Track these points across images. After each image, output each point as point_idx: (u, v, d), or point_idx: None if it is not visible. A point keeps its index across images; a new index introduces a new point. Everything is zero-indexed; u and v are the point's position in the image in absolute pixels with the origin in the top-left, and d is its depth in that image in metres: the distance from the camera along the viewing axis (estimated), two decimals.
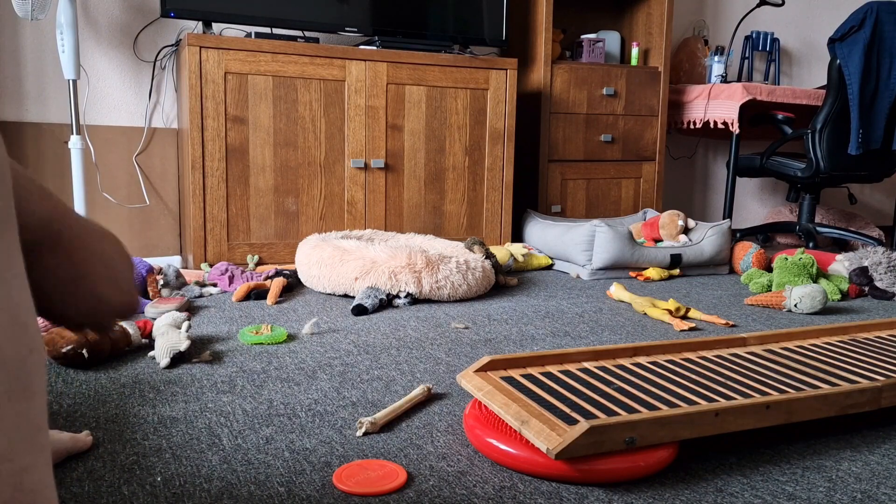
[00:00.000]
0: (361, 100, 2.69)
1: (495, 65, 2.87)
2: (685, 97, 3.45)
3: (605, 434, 1.03)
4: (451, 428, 1.21)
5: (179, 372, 1.46)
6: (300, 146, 2.63)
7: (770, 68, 3.95)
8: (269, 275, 2.31)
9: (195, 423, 1.21)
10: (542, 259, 2.82)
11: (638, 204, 3.37)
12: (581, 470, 1.02)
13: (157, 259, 2.82)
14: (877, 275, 2.49)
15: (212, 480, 1.02)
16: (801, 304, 2.16)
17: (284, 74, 2.57)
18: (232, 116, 2.52)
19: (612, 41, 3.42)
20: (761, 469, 1.09)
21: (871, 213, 4.43)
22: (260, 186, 2.59)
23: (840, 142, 3.09)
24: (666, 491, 1.01)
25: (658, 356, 1.45)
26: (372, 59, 2.68)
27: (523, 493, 1.00)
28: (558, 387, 1.24)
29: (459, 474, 1.05)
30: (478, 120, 2.88)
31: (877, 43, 2.97)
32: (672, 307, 2.07)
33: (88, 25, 2.74)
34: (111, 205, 2.82)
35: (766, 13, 3.90)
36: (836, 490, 1.02)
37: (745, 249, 2.81)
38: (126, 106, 2.83)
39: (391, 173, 2.77)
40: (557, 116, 3.15)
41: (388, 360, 1.58)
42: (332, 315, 1.98)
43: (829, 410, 1.20)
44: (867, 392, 1.22)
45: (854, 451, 1.16)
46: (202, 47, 2.46)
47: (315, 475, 1.03)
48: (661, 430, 1.07)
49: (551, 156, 3.15)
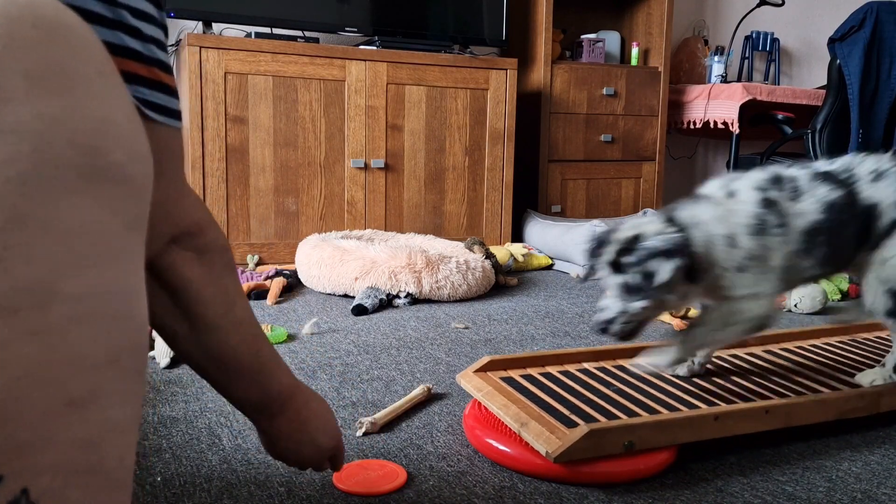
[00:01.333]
0: (361, 100, 2.69)
1: (495, 65, 2.87)
2: (685, 97, 3.45)
3: (604, 438, 1.03)
4: (451, 428, 1.21)
5: (179, 372, 1.46)
6: (300, 146, 2.63)
7: (770, 68, 3.95)
8: (269, 275, 2.31)
9: (195, 423, 1.21)
10: (542, 259, 2.82)
11: (638, 204, 3.37)
12: (580, 472, 1.02)
13: None
14: None
15: (212, 480, 1.02)
16: (801, 304, 2.16)
17: (284, 74, 2.57)
18: (232, 116, 2.52)
19: (612, 41, 3.42)
20: (761, 469, 1.09)
21: None
22: (260, 186, 2.59)
23: (840, 142, 3.08)
24: (666, 491, 1.01)
25: None
26: (372, 59, 2.68)
27: (523, 493, 1.00)
28: (558, 388, 1.24)
29: (459, 474, 1.05)
30: (478, 120, 2.88)
31: (877, 43, 2.97)
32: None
33: None
34: None
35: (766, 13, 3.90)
36: (835, 490, 1.02)
37: None
38: None
39: (391, 173, 2.77)
40: (557, 116, 3.15)
41: (388, 360, 1.58)
42: (332, 315, 1.98)
43: (828, 415, 1.20)
44: (866, 397, 1.22)
45: (854, 451, 1.16)
46: (202, 47, 2.45)
47: (315, 475, 1.03)
48: (661, 434, 1.06)
49: (551, 156, 3.15)
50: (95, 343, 0.40)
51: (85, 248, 0.39)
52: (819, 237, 1.12)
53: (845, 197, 1.13)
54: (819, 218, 1.11)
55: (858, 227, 1.15)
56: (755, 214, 1.10)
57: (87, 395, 0.39)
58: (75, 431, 0.39)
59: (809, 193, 1.12)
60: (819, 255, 1.13)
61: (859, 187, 1.15)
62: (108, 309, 0.40)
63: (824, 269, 1.17)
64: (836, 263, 1.18)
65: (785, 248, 1.11)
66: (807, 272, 1.16)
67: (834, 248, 1.14)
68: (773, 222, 1.09)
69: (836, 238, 1.13)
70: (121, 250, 0.41)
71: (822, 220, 1.11)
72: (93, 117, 0.39)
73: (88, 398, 0.39)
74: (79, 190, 0.38)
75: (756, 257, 1.10)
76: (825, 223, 1.11)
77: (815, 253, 1.13)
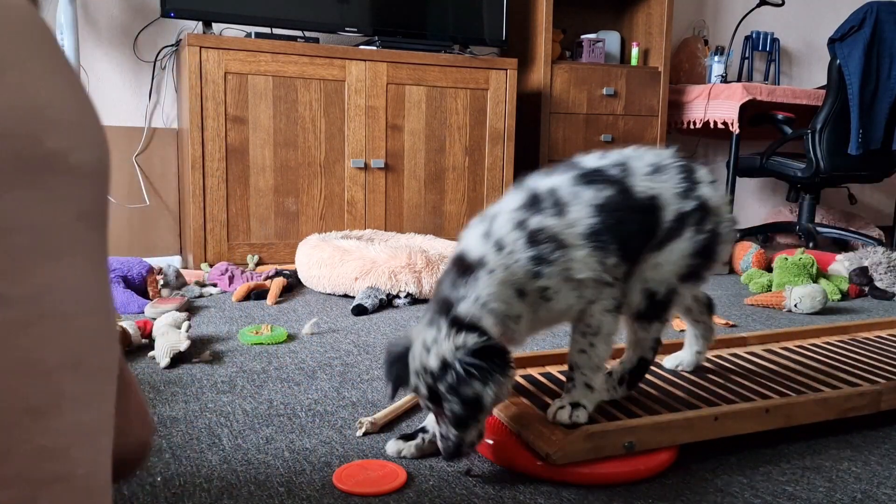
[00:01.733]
0: (361, 100, 2.69)
1: (495, 65, 2.87)
2: (685, 97, 3.45)
3: (605, 439, 1.03)
4: None
5: (179, 372, 1.46)
6: (300, 146, 2.63)
7: (770, 68, 3.95)
8: (269, 275, 2.31)
9: (195, 423, 1.21)
10: None
11: None
12: (580, 473, 1.01)
13: (157, 259, 2.82)
14: (877, 275, 2.49)
15: (212, 480, 1.01)
16: (802, 304, 2.16)
17: (284, 74, 2.57)
18: (232, 116, 2.52)
19: (612, 41, 3.42)
20: (762, 469, 1.09)
21: (871, 213, 4.43)
22: (260, 186, 2.59)
23: (840, 142, 3.08)
24: (667, 491, 1.01)
25: (658, 356, 1.45)
26: (372, 59, 2.68)
27: (523, 493, 1.00)
28: (558, 388, 1.24)
29: (459, 474, 1.04)
30: (478, 120, 2.88)
31: (877, 43, 2.97)
32: None
33: (88, 25, 2.74)
34: (111, 205, 2.82)
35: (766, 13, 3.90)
36: (836, 490, 1.02)
37: (745, 249, 2.81)
38: (126, 106, 2.83)
39: (391, 173, 2.77)
40: (557, 116, 3.15)
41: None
42: (332, 315, 1.98)
43: (829, 414, 1.20)
44: (867, 395, 1.22)
45: (854, 451, 1.16)
46: (202, 47, 2.45)
47: (315, 475, 1.03)
48: (661, 435, 1.06)
49: (551, 156, 3.15)
50: (49, 346, 0.37)
51: (28, 246, 0.36)
52: (602, 237, 1.02)
53: (618, 194, 1.04)
54: (593, 221, 1.02)
55: (641, 221, 1.06)
56: (528, 260, 0.99)
57: (46, 401, 0.37)
58: (38, 440, 0.37)
59: (575, 200, 1.02)
60: (615, 251, 1.03)
61: (633, 181, 1.06)
62: (60, 308, 0.38)
63: (629, 264, 1.07)
64: (634, 257, 1.07)
65: (576, 262, 1.01)
66: (619, 268, 1.05)
67: (624, 243, 1.04)
68: (548, 252, 1.00)
69: (620, 234, 1.03)
70: (72, 244, 0.38)
71: (597, 222, 1.02)
72: (24, 104, 0.36)
73: (48, 405, 0.37)
74: (15, 184, 0.35)
75: (558, 280, 1.01)
76: (601, 224, 1.02)
77: (610, 250, 1.03)
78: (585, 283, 1.02)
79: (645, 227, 1.07)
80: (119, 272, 2.05)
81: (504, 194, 1.13)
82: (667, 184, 1.08)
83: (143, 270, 2.09)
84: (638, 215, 1.06)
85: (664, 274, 1.09)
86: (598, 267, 1.03)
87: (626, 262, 1.06)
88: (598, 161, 1.09)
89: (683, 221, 1.08)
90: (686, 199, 1.08)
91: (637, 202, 1.06)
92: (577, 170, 1.07)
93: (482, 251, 1.00)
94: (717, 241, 1.12)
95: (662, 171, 1.09)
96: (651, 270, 1.09)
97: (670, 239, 1.08)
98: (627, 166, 1.08)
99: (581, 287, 1.03)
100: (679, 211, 1.08)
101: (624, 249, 1.04)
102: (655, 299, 1.10)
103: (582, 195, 1.03)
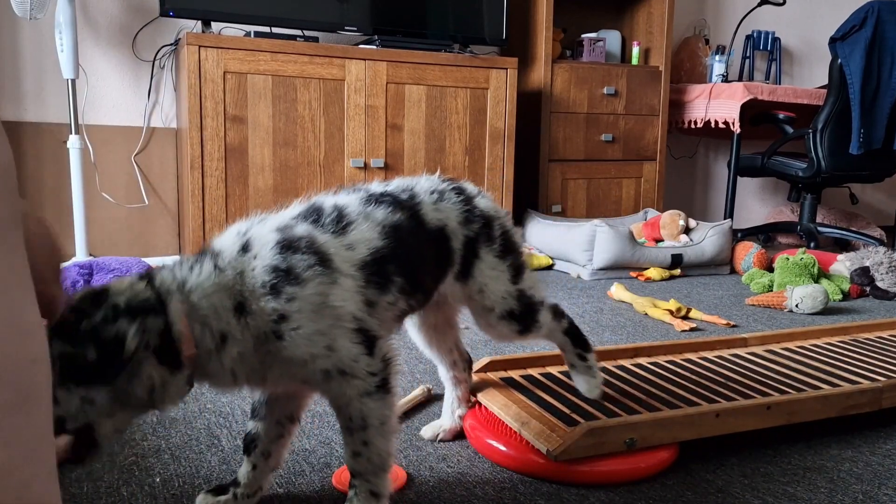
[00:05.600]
0: (361, 99, 2.68)
1: (495, 64, 2.87)
2: (686, 96, 3.45)
3: (605, 435, 1.02)
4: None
5: None
6: (299, 146, 2.62)
7: (771, 68, 3.94)
8: None
9: (194, 423, 1.21)
10: (543, 259, 2.81)
11: (639, 204, 3.36)
12: (580, 471, 1.01)
13: (156, 259, 2.82)
14: (878, 275, 2.48)
15: (211, 481, 1.01)
16: (803, 304, 2.15)
17: (284, 74, 2.56)
18: (231, 116, 2.52)
19: (613, 40, 3.42)
20: (763, 470, 1.08)
21: (872, 213, 4.42)
22: (259, 186, 2.58)
23: (841, 141, 3.08)
24: (667, 492, 1.01)
25: (659, 357, 1.44)
26: (371, 58, 2.68)
27: (523, 493, 0.99)
28: (558, 387, 1.24)
29: (459, 475, 1.04)
30: (478, 119, 2.87)
31: (878, 42, 2.97)
32: (673, 307, 2.06)
33: (87, 24, 2.74)
34: (110, 205, 2.82)
35: (767, 12, 3.90)
36: (837, 490, 1.02)
37: (747, 249, 2.80)
38: (125, 105, 2.83)
39: (391, 173, 2.76)
40: (558, 116, 3.14)
41: None
42: None
43: (830, 411, 1.19)
44: (868, 393, 1.22)
45: (855, 451, 1.15)
46: (201, 46, 2.45)
47: (314, 476, 1.03)
48: (662, 432, 1.06)
49: (552, 155, 3.15)
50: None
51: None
52: (387, 265, 0.88)
53: (410, 219, 0.93)
54: (381, 244, 0.87)
55: (434, 250, 0.96)
56: (266, 269, 0.80)
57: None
58: None
59: (363, 218, 0.88)
60: (398, 285, 0.89)
61: (423, 209, 0.95)
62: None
63: (411, 300, 0.93)
64: (422, 291, 0.96)
65: (338, 289, 0.82)
66: (394, 307, 0.90)
67: (411, 275, 0.91)
68: (301, 266, 0.81)
69: (409, 264, 0.91)
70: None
71: (385, 245, 0.88)
72: None
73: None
74: None
75: (302, 309, 0.80)
76: (389, 249, 0.88)
77: (393, 284, 0.88)
78: (339, 328, 0.81)
79: (437, 256, 0.98)
80: (118, 272, 2.04)
81: (505, 194, 1.10)
82: (452, 212, 0.99)
83: (142, 270, 2.08)
84: (431, 244, 0.96)
85: (498, 291, 1.03)
86: (363, 308, 0.84)
87: (412, 297, 0.93)
88: (384, 187, 0.98)
89: (476, 242, 1.01)
90: (470, 223, 1.01)
91: (428, 231, 0.96)
92: (365, 192, 0.95)
93: (224, 246, 0.83)
94: (511, 236, 1.06)
95: (443, 197, 1.00)
96: (483, 297, 1.03)
97: (472, 264, 1.01)
98: (414, 193, 0.98)
99: (332, 334, 0.81)
100: (466, 236, 1.00)
101: (412, 283, 0.91)
102: (516, 313, 1.05)
103: (374, 214, 0.90)
